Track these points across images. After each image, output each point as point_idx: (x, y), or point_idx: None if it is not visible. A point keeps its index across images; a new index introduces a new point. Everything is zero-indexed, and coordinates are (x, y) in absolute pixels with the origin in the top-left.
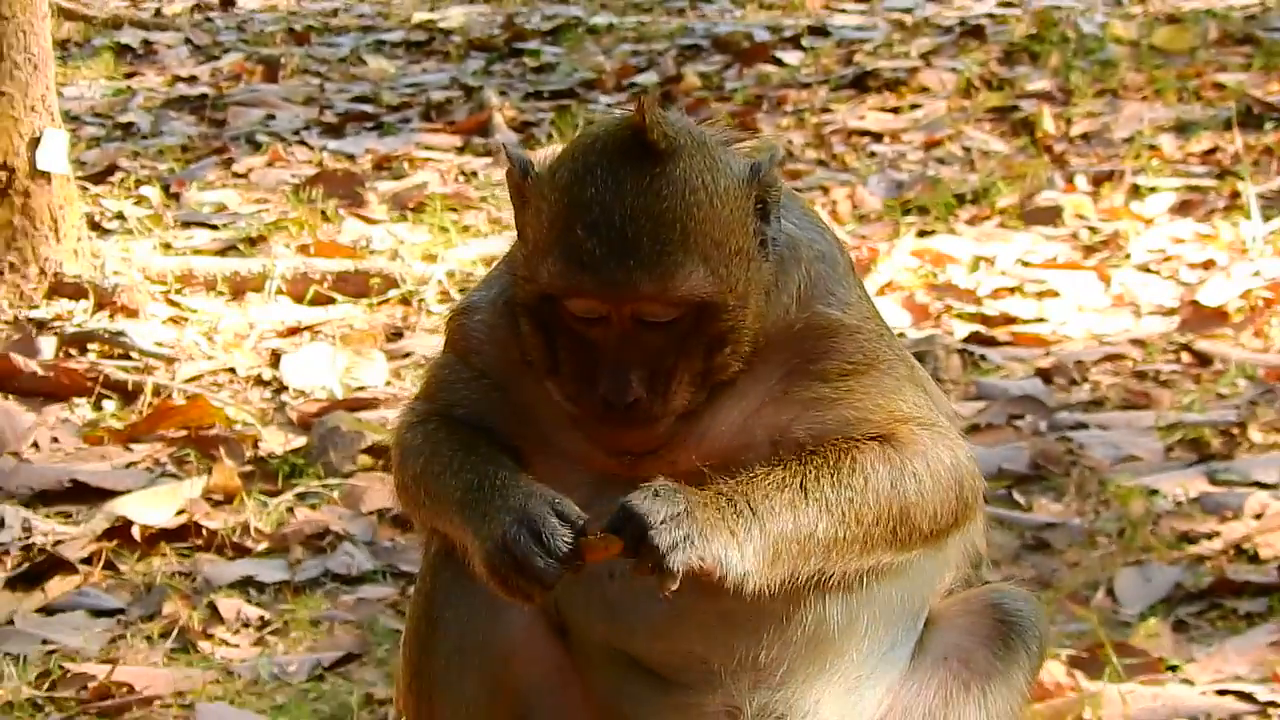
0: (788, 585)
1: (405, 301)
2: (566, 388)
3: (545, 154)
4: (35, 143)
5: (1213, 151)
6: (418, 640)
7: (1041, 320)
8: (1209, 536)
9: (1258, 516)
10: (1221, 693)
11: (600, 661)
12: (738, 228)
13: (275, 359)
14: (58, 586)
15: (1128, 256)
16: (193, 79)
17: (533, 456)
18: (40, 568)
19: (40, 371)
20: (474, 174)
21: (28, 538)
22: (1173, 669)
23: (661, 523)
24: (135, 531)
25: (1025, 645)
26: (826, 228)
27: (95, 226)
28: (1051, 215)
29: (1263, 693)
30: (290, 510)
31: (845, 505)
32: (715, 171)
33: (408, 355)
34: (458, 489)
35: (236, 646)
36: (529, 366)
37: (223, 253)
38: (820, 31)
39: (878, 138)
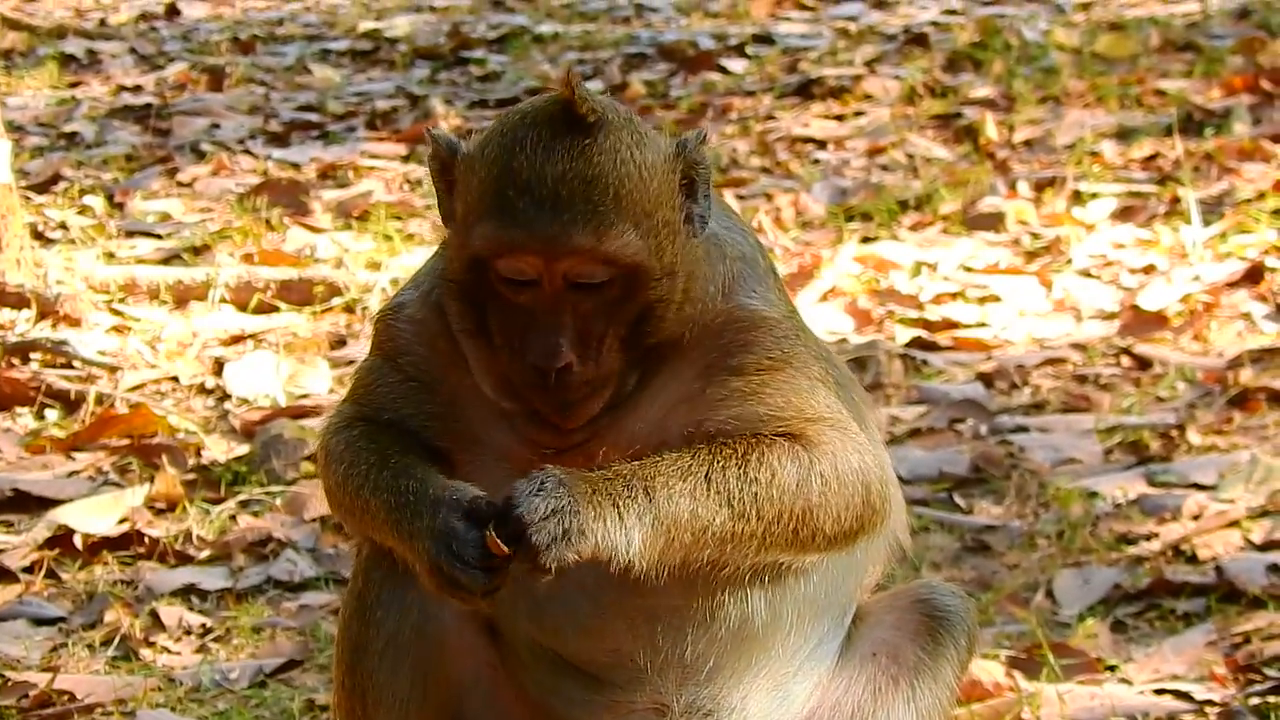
0: (681, 572)
1: (349, 309)
2: (497, 365)
3: (472, 137)
4: None
5: (1154, 158)
6: (350, 639)
7: (983, 325)
8: (1147, 538)
9: (1195, 518)
10: (1159, 692)
11: (530, 660)
12: (665, 200)
13: (219, 367)
14: None
15: (1069, 262)
16: (137, 88)
17: (460, 455)
18: None
19: None
20: (419, 182)
21: None
22: (1111, 669)
23: (540, 519)
24: (77, 540)
25: (954, 640)
26: (749, 231)
27: (39, 236)
28: (994, 221)
29: (1200, 692)
30: (233, 518)
31: (748, 499)
32: (642, 145)
33: (351, 363)
34: (380, 507)
35: (178, 654)
36: (457, 362)
37: (166, 262)
38: (765, 39)
39: (822, 145)
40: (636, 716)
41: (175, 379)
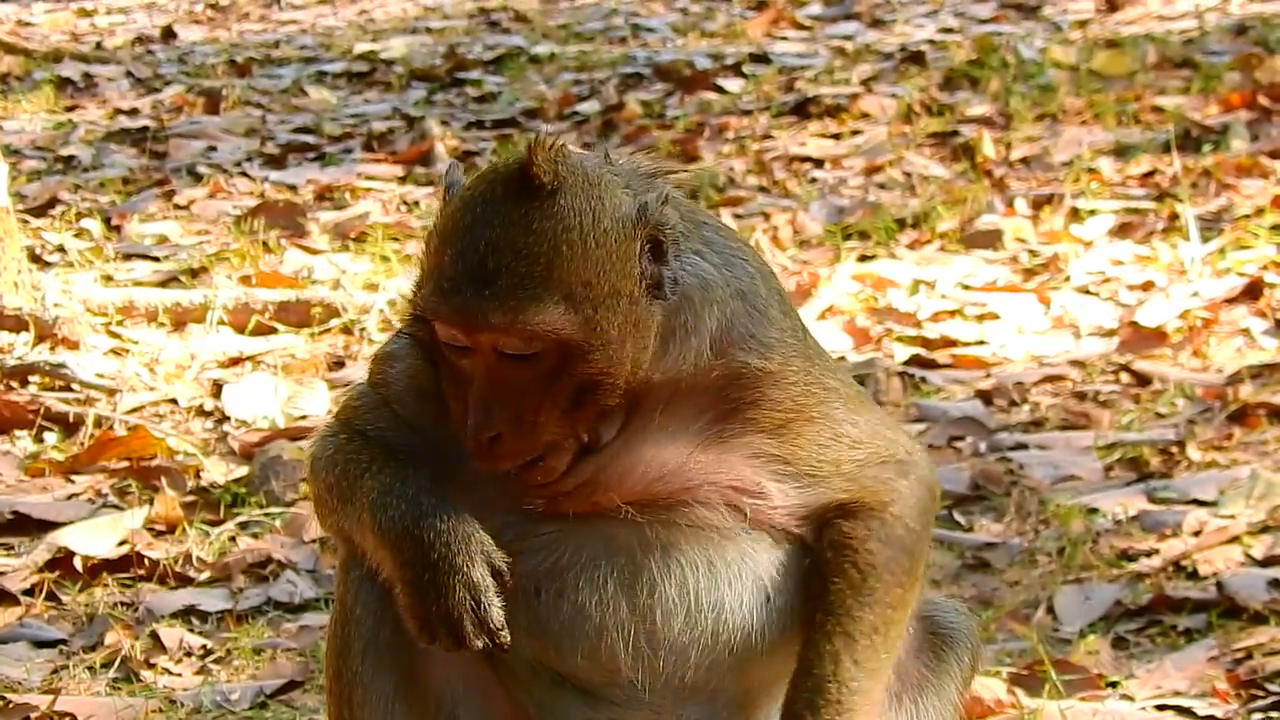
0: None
1: (347, 331)
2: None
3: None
4: None
5: (1151, 174)
6: (335, 643)
7: (982, 343)
8: (1148, 554)
9: (1196, 534)
10: (1161, 708)
11: (524, 674)
12: (615, 269)
13: (217, 389)
14: None
15: (1067, 279)
16: (134, 111)
17: (457, 497)
18: None
19: None
20: (416, 204)
21: None
22: (1113, 685)
23: None
24: (77, 562)
25: (957, 657)
26: (750, 257)
27: (36, 259)
28: (992, 239)
29: (1202, 707)
30: (232, 539)
31: (879, 621)
32: (598, 211)
33: (350, 384)
34: (370, 509)
35: (179, 675)
36: (443, 418)
37: (164, 284)
38: (761, 59)
39: (819, 164)
40: None
41: (174, 401)
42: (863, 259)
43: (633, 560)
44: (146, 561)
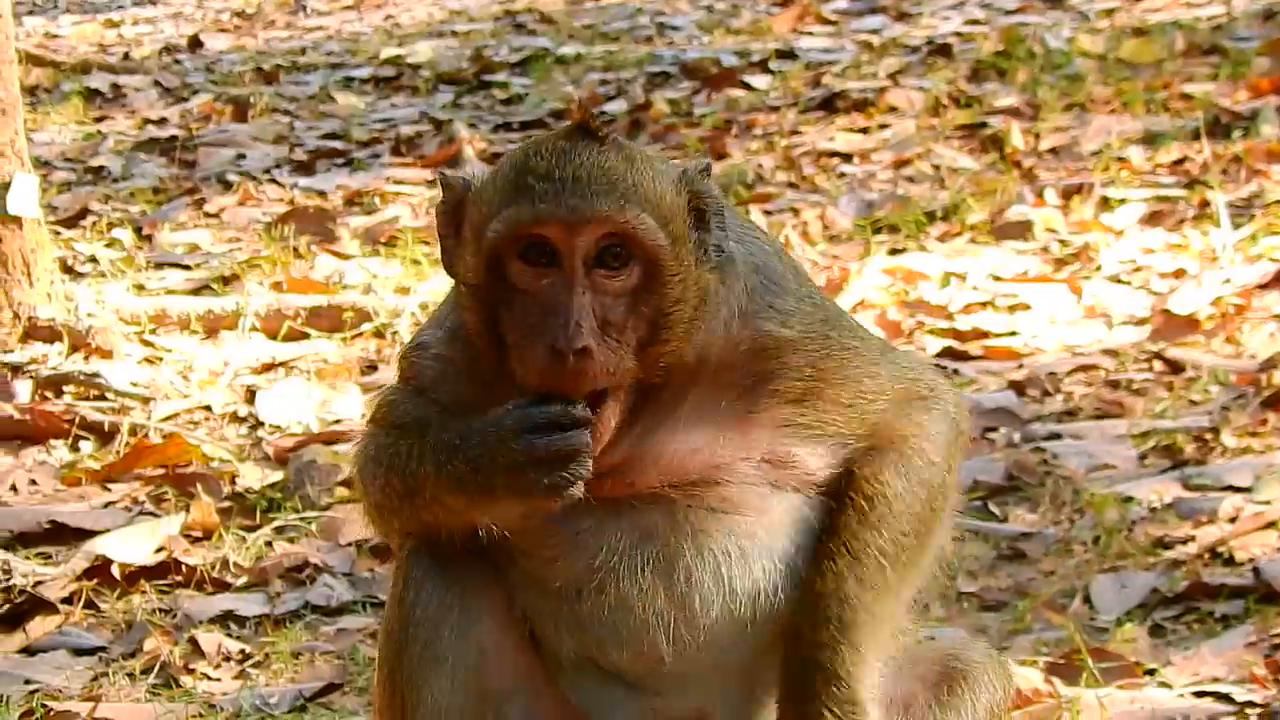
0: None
1: (379, 334)
2: (515, 362)
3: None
4: (5, 187)
5: (1181, 161)
6: (391, 642)
7: (1014, 333)
8: (1184, 541)
9: (1232, 520)
10: (1199, 694)
11: (571, 669)
12: (676, 216)
13: (251, 395)
14: (39, 626)
15: (1099, 268)
16: (162, 121)
17: None
18: (21, 609)
19: (16, 415)
20: None
21: (8, 579)
22: (1150, 673)
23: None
24: (115, 570)
25: (973, 697)
26: (762, 235)
27: (68, 270)
28: (1022, 229)
29: (1240, 693)
30: (269, 544)
31: (889, 547)
32: (650, 164)
33: (382, 387)
34: (436, 469)
35: (219, 680)
36: (482, 394)
37: (196, 292)
38: (788, 55)
39: (847, 158)
40: None
41: (208, 408)
42: (893, 252)
43: (667, 547)
44: (184, 568)
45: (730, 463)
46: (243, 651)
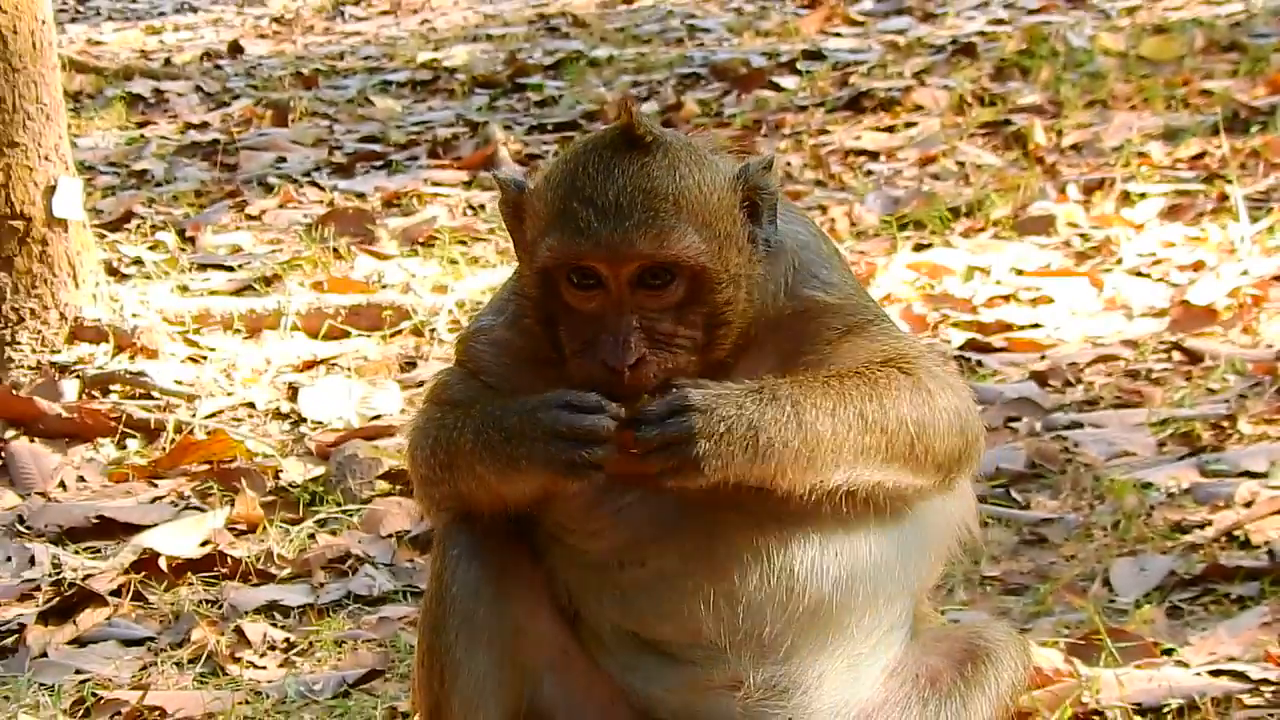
0: (816, 490)
1: (417, 332)
2: (572, 370)
3: (538, 170)
4: (51, 191)
5: (1200, 156)
6: (430, 620)
7: (1036, 326)
8: (1201, 525)
9: (1248, 504)
10: (1215, 673)
11: (610, 642)
12: (725, 215)
13: (293, 392)
14: (89, 618)
15: (1119, 261)
16: (204, 125)
17: None
18: (71, 601)
19: (64, 414)
20: (481, 207)
21: (58, 573)
22: (1168, 652)
23: (709, 423)
24: (162, 563)
25: (996, 674)
26: (809, 222)
27: (113, 272)
28: (1044, 224)
29: (1255, 671)
30: (311, 536)
31: (876, 411)
32: (700, 164)
33: (421, 384)
34: (474, 439)
35: (264, 668)
36: (538, 377)
37: (239, 292)
38: (815, 55)
39: (874, 156)
40: (714, 693)
41: (251, 405)
42: (918, 248)
43: (708, 521)
44: (229, 560)
45: None
46: (287, 640)
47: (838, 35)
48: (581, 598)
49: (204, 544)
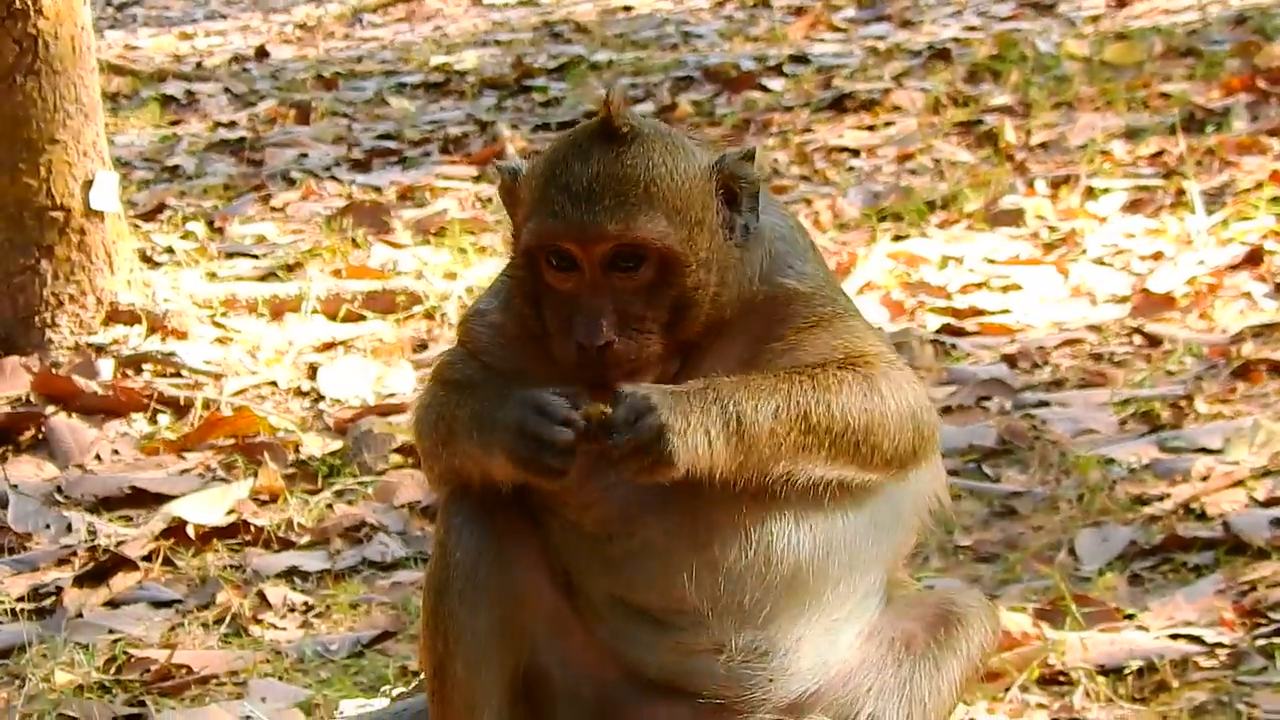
0: (753, 480)
1: (429, 316)
2: (553, 348)
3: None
4: (88, 185)
5: (1160, 154)
6: (434, 584)
7: (1006, 311)
8: (1160, 498)
9: (1204, 479)
10: (1174, 636)
11: (602, 608)
12: (697, 202)
13: (313, 372)
14: (121, 582)
15: (1084, 251)
16: (232, 124)
17: None
18: (105, 566)
19: (100, 391)
20: (489, 200)
21: (93, 540)
22: (1129, 617)
23: (648, 421)
24: (190, 530)
25: (967, 637)
26: (787, 213)
27: (146, 260)
28: (1014, 217)
29: (1210, 635)
30: (329, 506)
31: (821, 411)
32: (676, 154)
33: (441, 353)
34: (466, 417)
35: (284, 629)
36: (532, 358)
37: (263, 279)
38: (801, 59)
39: (855, 153)
40: (697, 656)
41: (274, 384)
42: (897, 239)
43: (691, 497)
44: (252, 528)
45: None
46: (306, 603)
47: (822, 41)
48: (575, 566)
49: (229, 513)
